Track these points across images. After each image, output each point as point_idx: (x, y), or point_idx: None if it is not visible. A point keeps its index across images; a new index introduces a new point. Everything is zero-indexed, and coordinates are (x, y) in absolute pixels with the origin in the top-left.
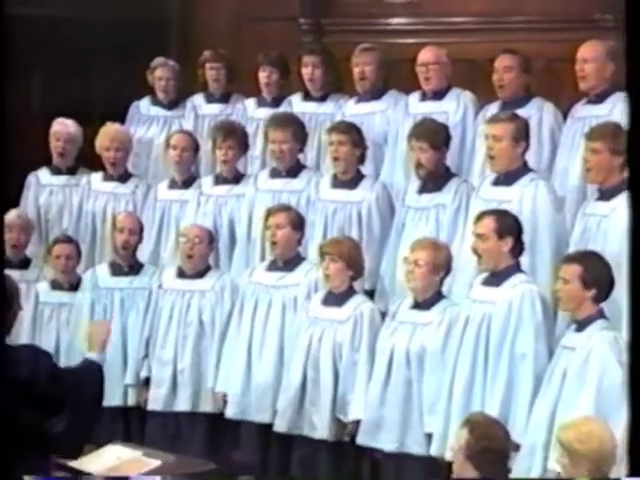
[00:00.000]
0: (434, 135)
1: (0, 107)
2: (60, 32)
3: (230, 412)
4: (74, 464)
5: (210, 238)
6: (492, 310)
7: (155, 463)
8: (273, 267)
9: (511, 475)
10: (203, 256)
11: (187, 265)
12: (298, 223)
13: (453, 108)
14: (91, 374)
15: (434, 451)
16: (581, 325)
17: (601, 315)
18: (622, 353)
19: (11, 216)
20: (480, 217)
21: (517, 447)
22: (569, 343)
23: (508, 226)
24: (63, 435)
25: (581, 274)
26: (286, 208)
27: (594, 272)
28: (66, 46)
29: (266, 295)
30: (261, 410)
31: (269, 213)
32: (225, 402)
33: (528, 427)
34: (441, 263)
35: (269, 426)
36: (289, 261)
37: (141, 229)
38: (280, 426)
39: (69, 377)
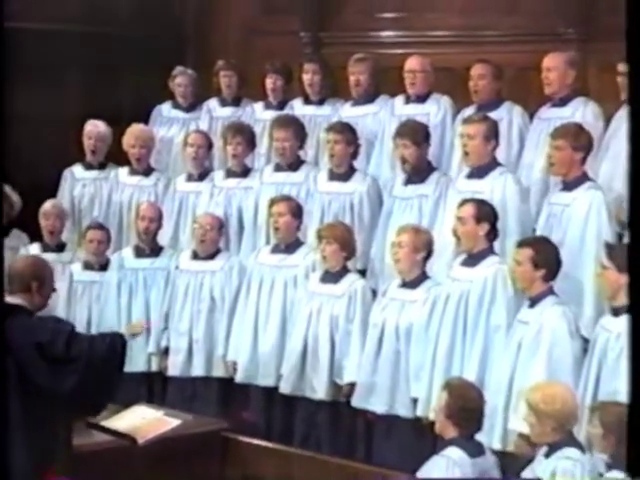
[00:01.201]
0: (415, 133)
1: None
2: (95, 47)
3: (239, 377)
4: (105, 423)
5: (220, 225)
6: (469, 287)
7: (176, 422)
8: (276, 250)
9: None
10: (214, 241)
11: (200, 248)
12: (297, 211)
13: (434, 110)
14: (111, 343)
15: (419, 412)
16: (534, 301)
17: (551, 292)
18: (571, 325)
19: (47, 206)
20: (462, 203)
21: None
22: (524, 318)
23: (486, 213)
24: (70, 393)
25: (532, 256)
26: (287, 198)
27: (543, 254)
28: (100, 59)
29: (270, 274)
30: (266, 375)
31: (272, 202)
32: (235, 369)
33: (489, 392)
34: (421, 244)
35: (273, 389)
36: (290, 245)
37: (161, 217)
38: (285, 388)
39: (87, 342)
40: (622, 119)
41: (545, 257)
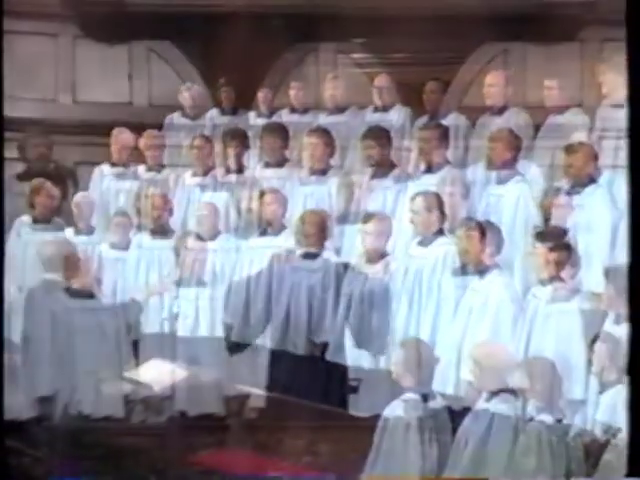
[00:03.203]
0: (377, 135)
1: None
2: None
3: (234, 337)
4: (127, 375)
5: (215, 211)
6: (424, 263)
7: (186, 374)
8: (264, 233)
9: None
10: (214, 225)
11: (201, 231)
12: (283, 201)
13: (396, 117)
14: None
15: (382, 365)
16: (482, 273)
17: (497, 265)
18: (512, 293)
19: (79, 197)
20: (413, 197)
21: (437, 360)
22: (474, 287)
23: (434, 202)
24: None
25: (480, 237)
26: (274, 190)
27: (490, 235)
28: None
29: (259, 253)
30: (256, 336)
31: (262, 194)
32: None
33: (443, 350)
34: (384, 229)
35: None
36: (275, 229)
37: (171, 206)
38: (272, 345)
39: None
40: (548, 127)
41: (491, 237)
